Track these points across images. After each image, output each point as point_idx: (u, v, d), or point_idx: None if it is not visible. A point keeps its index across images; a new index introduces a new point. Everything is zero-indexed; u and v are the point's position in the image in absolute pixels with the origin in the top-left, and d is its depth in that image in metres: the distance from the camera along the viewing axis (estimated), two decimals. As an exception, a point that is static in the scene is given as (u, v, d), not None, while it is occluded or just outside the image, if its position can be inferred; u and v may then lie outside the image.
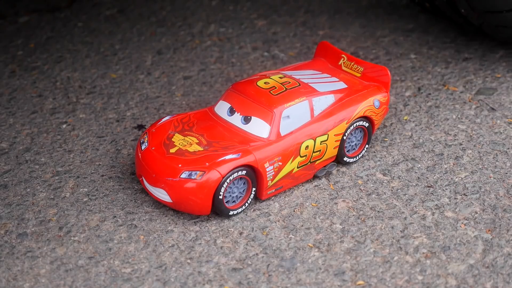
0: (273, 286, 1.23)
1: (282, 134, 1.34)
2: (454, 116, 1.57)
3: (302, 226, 1.33)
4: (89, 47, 1.88)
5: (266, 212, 1.36)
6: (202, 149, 1.32)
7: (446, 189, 1.39)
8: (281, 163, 1.33)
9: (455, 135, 1.52)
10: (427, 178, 1.42)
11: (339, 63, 1.50)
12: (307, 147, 1.36)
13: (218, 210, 1.31)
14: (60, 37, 1.93)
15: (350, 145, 1.43)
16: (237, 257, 1.28)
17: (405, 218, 1.34)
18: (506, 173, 1.42)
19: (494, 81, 1.66)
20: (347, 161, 1.44)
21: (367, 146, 1.45)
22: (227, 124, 1.37)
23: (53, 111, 1.64)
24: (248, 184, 1.32)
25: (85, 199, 1.39)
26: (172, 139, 1.35)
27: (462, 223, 1.32)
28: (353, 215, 1.35)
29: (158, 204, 1.38)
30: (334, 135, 1.39)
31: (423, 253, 1.27)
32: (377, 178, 1.42)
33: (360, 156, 1.45)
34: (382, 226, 1.32)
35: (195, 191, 1.28)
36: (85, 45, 1.89)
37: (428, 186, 1.40)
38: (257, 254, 1.28)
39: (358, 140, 1.44)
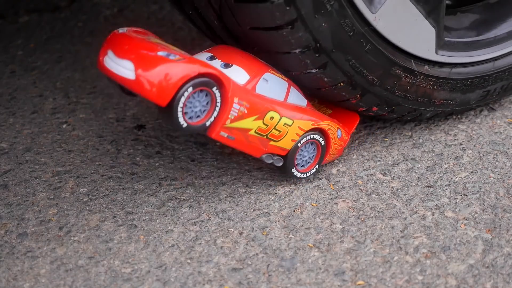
0: (273, 286, 1.23)
1: (256, 92, 1.31)
2: (454, 116, 1.57)
3: (302, 226, 1.33)
4: (89, 47, 1.88)
5: (266, 212, 1.36)
6: (183, 53, 1.25)
7: (446, 189, 1.39)
8: (246, 112, 1.28)
9: (455, 135, 1.52)
10: (427, 178, 1.42)
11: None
12: (272, 117, 1.31)
13: (173, 120, 1.21)
14: (60, 37, 1.93)
15: (302, 159, 1.39)
16: (237, 257, 1.28)
17: (405, 218, 1.34)
18: (506, 173, 1.42)
19: (494, 81, 1.66)
20: (294, 174, 1.39)
21: (317, 167, 1.41)
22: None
23: (53, 111, 1.64)
24: (212, 102, 1.24)
25: (85, 199, 1.39)
26: (152, 39, 1.28)
27: (462, 223, 1.33)
28: (353, 215, 1.35)
29: (158, 204, 1.38)
30: (298, 126, 1.35)
31: (423, 253, 1.27)
32: (377, 178, 1.42)
33: (308, 174, 1.40)
34: (382, 226, 1.32)
35: (167, 73, 1.18)
36: (85, 45, 1.89)
37: (428, 186, 1.40)
38: (257, 254, 1.28)
39: (310, 157, 1.40)
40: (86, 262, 1.27)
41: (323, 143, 1.39)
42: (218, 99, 1.24)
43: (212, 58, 1.33)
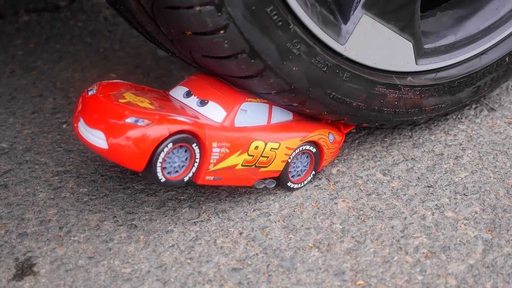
0: (273, 286, 1.23)
1: (236, 125, 1.29)
2: (454, 116, 1.57)
3: (302, 226, 1.33)
4: (89, 47, 1.88)
5: (266, 212, 1.36)
6: (154, 107, 1.25)
7: (446, 189, 1.39)
8: (228, 151, 1.27)
9: (455, 135, 1.52)
10: (427, 178, 1.42)
11: None
12: (256, 147, 1.30)
13: (152, 175, 1.21)
14: (60, 37, 1.93)
15: (295, 170, 1.38)
16: (237, 257, 1.28)
17: (405, 218, 1.34)
18: (506, 173, 1.42)
19: (494, 81, 1.66)
20: (291, 186, 1.39)
21: (313, 172, 1.40)
22: (180, 103, 1.31)
23: (53, 111, 1.64)
24: (191, 158, 1.24)
25: (85, 199, 1.39)
26: (123, 94, 1.28)
27: (462, 223, 1.33)
28: (353, 215, 1.35)
29: (158, 204, 1.38)
30: (285, 147, 1.33)
31: (423, 253, 1.27)
32: (377, 178, 1.42)
33: (305, 183, 1.40)
34: (382, 226, 1.32)
35: (137, 140, 1.18)
36: (85, 45, 1.89)
37: (428, 186, 1.40)
38: (257, 254, 1.28)
39: (304, 166, 1.39)
40: (86, 262, 1.27)
41: (315, 151, 1.38)
42: (197, 151, 1.24)
43: (188, 94, 1.32)
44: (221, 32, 1.16)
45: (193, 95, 1.31)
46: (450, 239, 1.29)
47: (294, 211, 1.36)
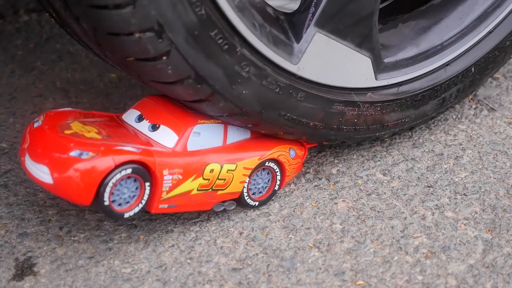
0: (273, 286, 1.23)
1: (188, 149, 1.25)
2: (454, 116, 1.57)
3: (302, 226, 1.33)
4: (89, 47, 1.88)
5: (266, 212, 1.36)
6: (101, 137, 1.21)
7: (446, 189, 1.39)
8: (181, 177, 1.23)
9: (455, 135, 1.52)
10: (427, 178, 1.42)
11: None
12: (212, 170, 1.26)
13: (101, 208, 1.18)
14: (60, 37, 1.93)
15: (256, 187, 1.34)
16: (237, 257, 1.28)
17: (405, 218, 1.34)
18: (506, 173, 1.42)
19: (494, 81, 1.66)
20: (251, 204, 1.34)
21: (276, 188, 1.36)
22: (132, 128, 1.27)
23: (53, 111, 1.64)
24: (141, 187, 1.20)
25: (85, 199, 1.39)
26: (70, 124, 1.25)
27: (462, 223, 1.33)
28: (353, 215, 1.35)
29: (158, 204, 1.38)
30: (243, 167, 1.30)
31: (423, 253, 1.27)
32: (377, 178, 1.42)
33: (266, 200, 1.36)
34: (382, 226, 1.32)
35: (82, 174, 1.15)
36: (85, 45, 1.89)
37: (428, 186, 1.40)
38: (257, 254, 1.28)
39: (266, 183, 1.35)
40: (86, 262, 1.27)
41: (276, 168, 1.34)
42: (147, 180, 1.20)
43: (140, 118, 1.27)
44: (164, 58, 1.13)
45: (144, 119, 1.27)
46: (450, 239, 1.29)
47: (294, 211, 1.36)
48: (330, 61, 1.29)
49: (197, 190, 1.26)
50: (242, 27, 1.17)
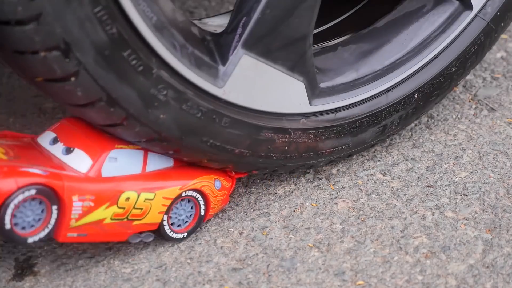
0: (273, 286, 1.23)
1: (103, 175, 1.17)
2: (454, 116, 1.57)
3: (302, 226, 1.33)
4: (89, 47, 1.88)
5: (266, 212, 1.36)
6: (7, 158, 1.15)
7: (446, 189, 1.39)
8: (93, 204, 1.15)
9: (455, 135, 1.52)
10: (427, 178, 1.42)
11: None
12: (128, 198, 1.19)
13: (1, 230, 1.11)
14: (60, 37, 1.92)
15: (178, 218, 1.27)
16: (237, 257, 1.28)
17: (405, 218, 1.34)
18: (506, 173, 1.42)
19: (494, 81, 1.66)
20: (172, 236, 1.27)
21: (197, 224, 1.29)
22: (46, 151, 1.21)
23: (53, 111, 1.64)
24: (47, 212, 1.13)
25: (85, 199, 1.39)
26: None
27: (462, 223, 1.33)
28: (353, 215, 1.35)
29: (158, 204, 1.38)
30: (162, 197, 1.22)
31: (423, 253, 1.27)
32: (377, 178, 1.42)
33: (187, 234, 1.29)
34: (382, 226, 1.32)
35: None
36: (85, 45, 1.88)
37: (428, 186, 1.40)
38: (257, 254, 1.28)
39: (188, 216, 1.28)
40: (86, 262, 1.27)
41: (200, 199, 1.27)
42: (54, 205, 1.13)
43: (55, 140, 1.21)
44: (72, 79, 1.06)
45: (59, 142, 1.20)
46: (450, 239, 1.29)
47: (294, 211, 1.36)
48: (259, 85, 1.22)
49: (111, 219, 1.19)
50: (160, 48, 1.10)
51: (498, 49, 1.77)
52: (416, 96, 1.40)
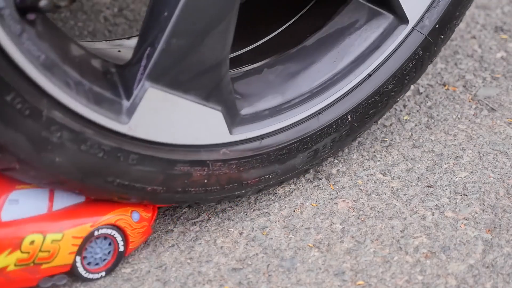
0: (273, 286, 1.23)
1: (3, 220, 1.10)
2: (454, 116, 1.57)
3: (302, 226, 1.33)
4: (89, 47, 1.88)
5: (266, 212, 1.36)
6: None
7: (446, 189, 1.39)
8: None
9: (455, 135, 1.52)
10: (427, 178, 1.42)
11: None
12: (32, 242, 1.10)
13: None
14: (60, 37, 1.93)
15: (93, 257, 1.18)
16: (237, 257, 1.28)
17: (405, 218, 1.34)
18: (506, 173, 1.42)
19: (494, 81, 1.66)
20: (88, 277, 1.18)
21: (117, 260, 1.21)
22: None
23: (53, 111, 1.64)
24: None
25: (85, 199, 1.39)
26: None
27: (462, 223, 1.33)
28: (353, 215, 1.35)
29: (158, 204, 1.38)
30: (71, 237, 1.13)
31: (423, 253, 1.27)
32: (377, 178, 1.42)
33: (106, 273, 1.21)
34: (382, 226, 1.32)
35: None
36: (85, 45, 1.89)
37: (428, 186, 1.40)
38: (257, 254, 1.28)
39: (105, 253, 1.19)
40: (86, 262, 1.27)
41: (116, 235, 1.19)
42: None
43: None
44: None
45: None
46: (450, 239, 1.29)
47: (294, 211, 1.36)
48: (169, 117, 1.13)
49: (15, 265, 1.11)
50: (51, 88, 1.01)
51: (498, 49, 1.77)
52: (349, 117, 1.32)
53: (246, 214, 1.36)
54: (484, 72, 1.70)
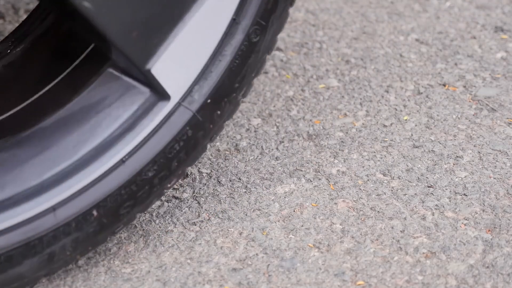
0: (273, 286, 1.23)
1: None
2: (454, 116, 1.57)
3: (302, 226, 1.33)
4: (89, 47, 1.88)
5: (266, 212, 1.36)
6: None
7: (446, 189, 1.39)
8: None
9: (455, 135, 1.52)
10: (427, 178, 1.42)
11: None
12: None
13: None
14: (60, 37, 1.92)
15: None
16: (237, 257, 1.28)
17: (405, 218, 1.34)
18: (506, 173, 1.42)
19: (494, 81, 1.66)
20: None
21: None
22: None
23: (53, 111, 1.64)
24: None
25: (85, 199, 1.39)
26: None
27: (462, 223, 1.33)
28: (353, 215, 1.35)
29: (158, 204, 1.38)
30: None
31: (423, 253, 1.27)
32: (377, 178, 1.43)
33: None
34: (382, 226, 1.32)
35: None
36: (85, 45, 1.89)
37: (428, 186, 1.40)
38: (257, 254, 1.28)
39: None
40: (86, 262, 1.27)
41: None
42: None
43: None
44: None
45: None
46: (450, 239, 1.29)
47: (294, 211, 1.36)
48: None
49: None
50: None
51: (498, 49, 1.77)
52: (96, 213, 1.13)
53: (246, 214, 1.36)
54: (484, 72, 1.70)
